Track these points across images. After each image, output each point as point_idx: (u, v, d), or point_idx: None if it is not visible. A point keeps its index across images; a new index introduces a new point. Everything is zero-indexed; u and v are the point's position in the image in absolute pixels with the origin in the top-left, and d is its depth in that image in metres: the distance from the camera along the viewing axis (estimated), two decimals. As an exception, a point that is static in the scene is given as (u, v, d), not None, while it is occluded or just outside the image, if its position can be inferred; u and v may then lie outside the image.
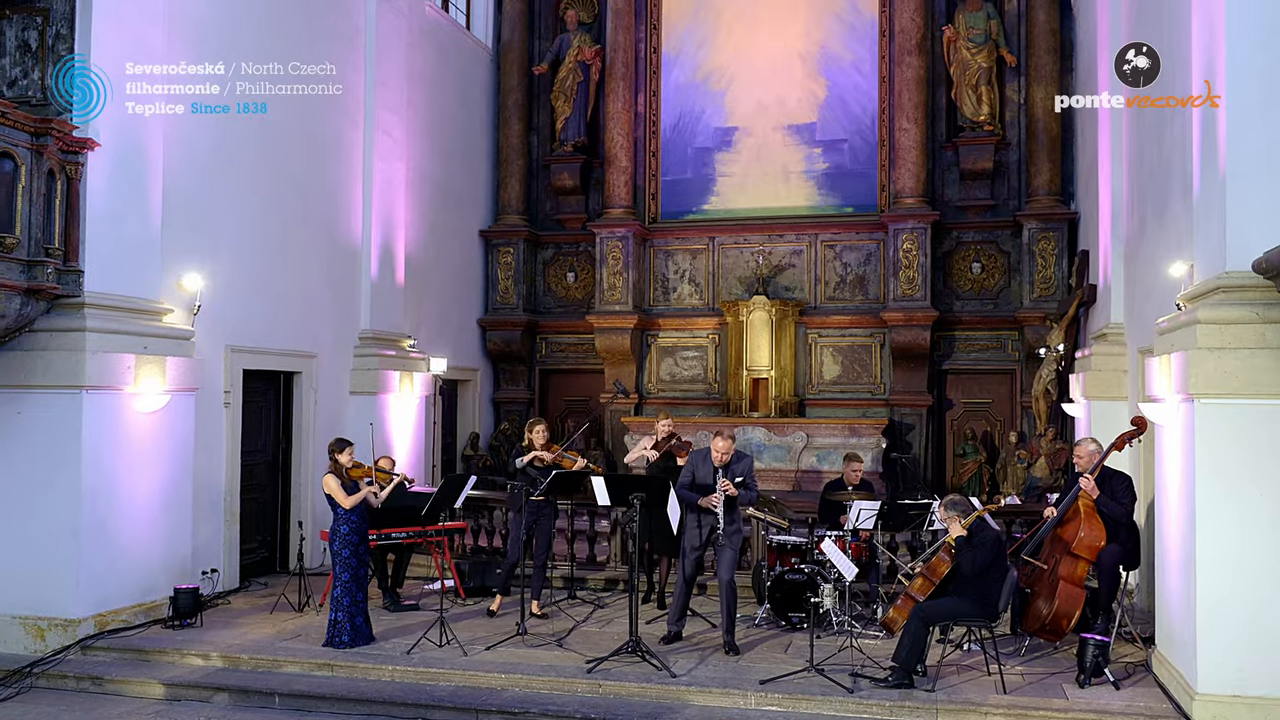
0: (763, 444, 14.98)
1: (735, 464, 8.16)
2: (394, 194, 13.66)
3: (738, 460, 8.20)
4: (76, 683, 7.94)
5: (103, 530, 8.65)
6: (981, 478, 14.96)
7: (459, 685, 7.53)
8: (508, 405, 17.30)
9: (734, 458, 8.17)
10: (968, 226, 15.53)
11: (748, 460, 8.33)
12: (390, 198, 13.57)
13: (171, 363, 9.29)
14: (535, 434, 9.44)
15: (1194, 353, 6.46)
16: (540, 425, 9.56)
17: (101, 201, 8.82)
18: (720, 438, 8.17)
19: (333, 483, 8.34)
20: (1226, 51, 6.68)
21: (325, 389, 12.33)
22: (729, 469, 8.11)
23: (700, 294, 16.50)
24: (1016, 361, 15.29)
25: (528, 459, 9.33)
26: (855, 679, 7.30)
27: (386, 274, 13.45)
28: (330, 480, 8.36)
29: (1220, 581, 6.42)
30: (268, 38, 10.99)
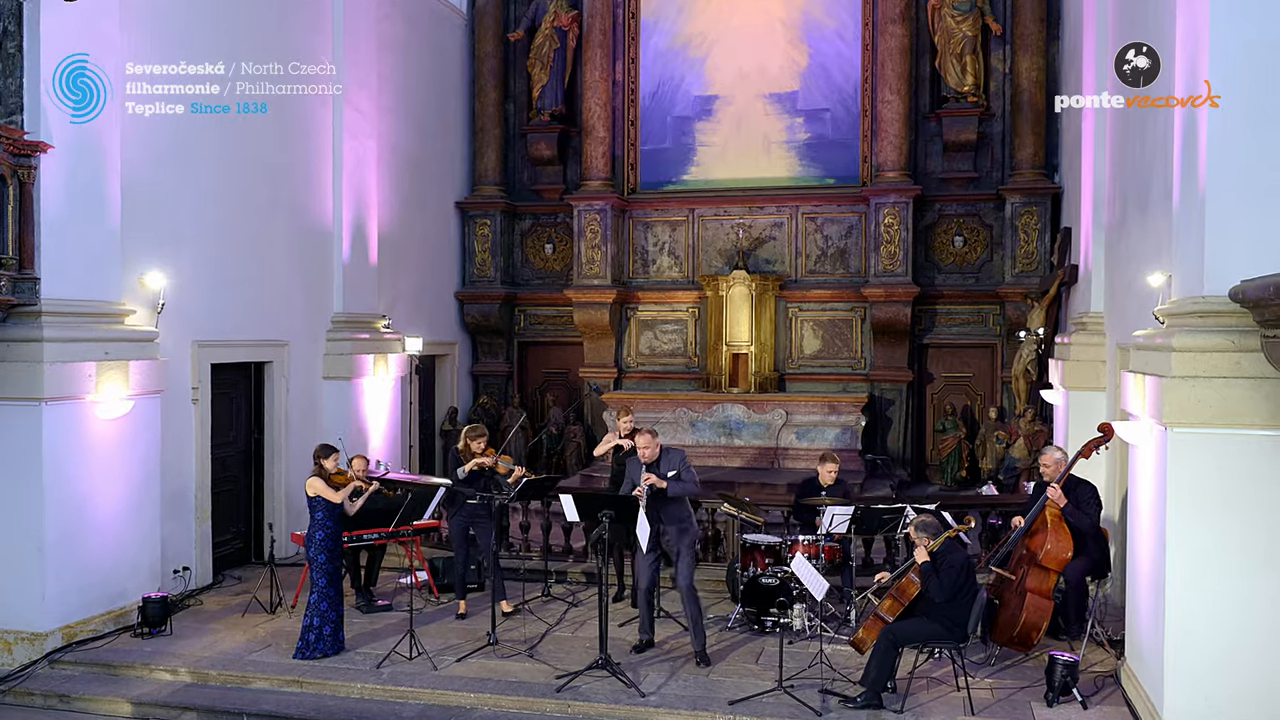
0: (742, 421, 14.92)
1: (664, 459, 8.07)
2: (365, 171, 13.37)
3: (666, 455, 8.10)
4: (44, 700, 7.90)
5: (68, 542, 8.55)
6: (961, 453, 14.96)
7: (428, 704, 7.51)
8: (486, 378, 17.18)
9: (662, 453, 8.08)
10: (950, 199, 15.33)
11: (678, 454, 8.25)
12: (361, 176, 13.28)
13: (134, 367, 9.12)
14: (475, 443, 9.29)
15: (1168, 381, 6.35)
16: (482, 437, 9.37)
17: (57, 205, 8.57)
18: (641, 435, 8.12)
19: (318, 483, 8.29)
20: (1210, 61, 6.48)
21: (298, 376, 12.16)
22: (657, 465, 8.02)
23: (680, 267, 16.31)
24: (997, 336, 15.20)
25: (469, 467, 9.19)
26: (824, 696, 7.29)
27: (359, 254, 13.21)
28: (316, 481, 8.29)
29: (1190, 610, 6.39)
30: (230, 11, 10.68)
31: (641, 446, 8.03)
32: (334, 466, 8.42)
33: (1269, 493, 6.26)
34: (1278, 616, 6.26)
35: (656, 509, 7.98)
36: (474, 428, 9.60)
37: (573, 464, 15.96)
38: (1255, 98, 6.30)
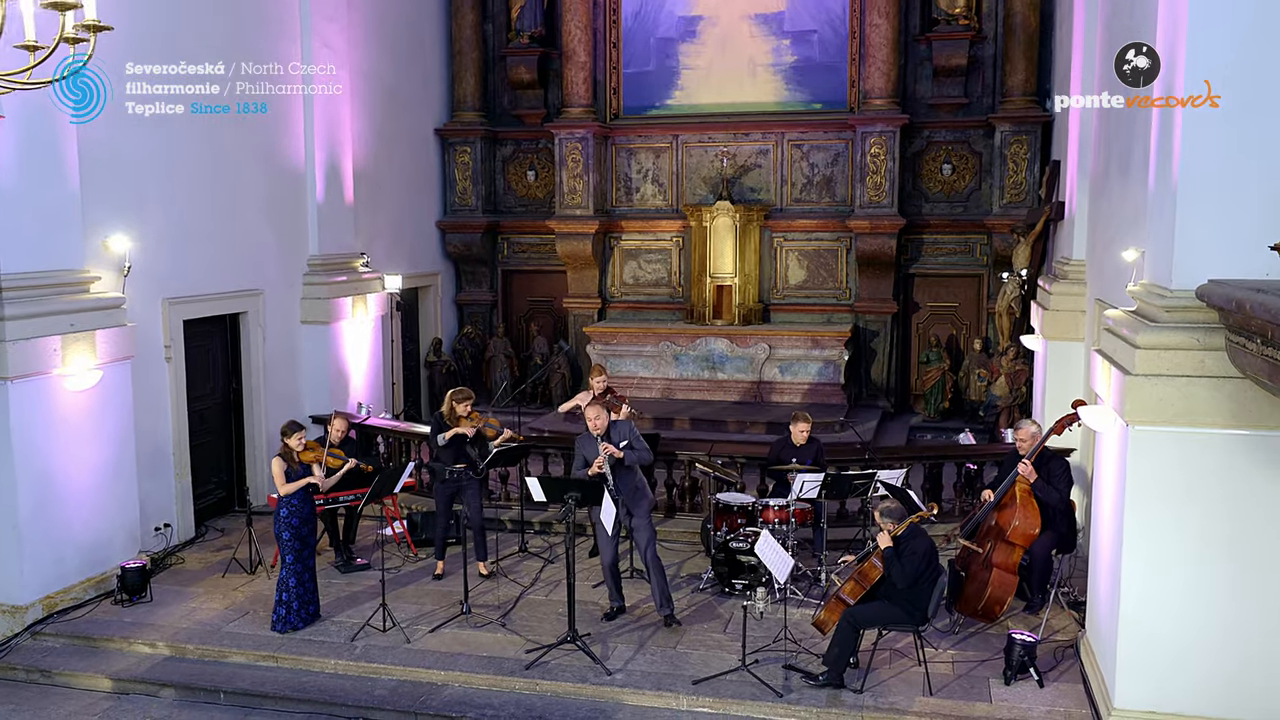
0: (725, 355, 14.89)
1: (614, 429, 8.12)
2: (338, 108, 13.02)
3: (615, 426, 8.16)
4: (26, 674, 8.06)
5: (42, 516, 8.61)
6: (944, 385, 14.95)
7: (400, 681, 7.66)
8: (470, 307, 17.08)
9: (612, 424, 8.13)
10: (939, 125, 14.98)
11: (626, 424, 8.34)
12: (333, 113, 12.94)
13: (102, 336, 9.05)
14: (459, 406, 9.29)
15: (1130, 379, 6.28)
16: (467, 400, 9.37)
17: (11, 176, 8.38)
18: (589, 408, 8.18)
19: (277, 467, 8.28)
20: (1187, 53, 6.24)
21: (275, 323, 12.08)
22: (607, 436, 8.06)
23: (664, 195, 16.04)
24: (984, 267, 15.05)
25: (450, 434, 9.20)
26: (788, 672, 7.44)
27: (334, 194, 12.97)
28: (276, 465, 8.29)
29: (1145, 606, 6.45)
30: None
31: (591, 419, 8.03)
32: (298, 444, 8.38)
33: (1228, 490, 6.26)
34: (1235, 613, 6.32)
35: (613, 481, 8.01)
36: (458, 391, 9.57)
37: (557, 395, 15.97)
38: (1232, 91, 6.07)
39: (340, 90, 12.93)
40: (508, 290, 17.20)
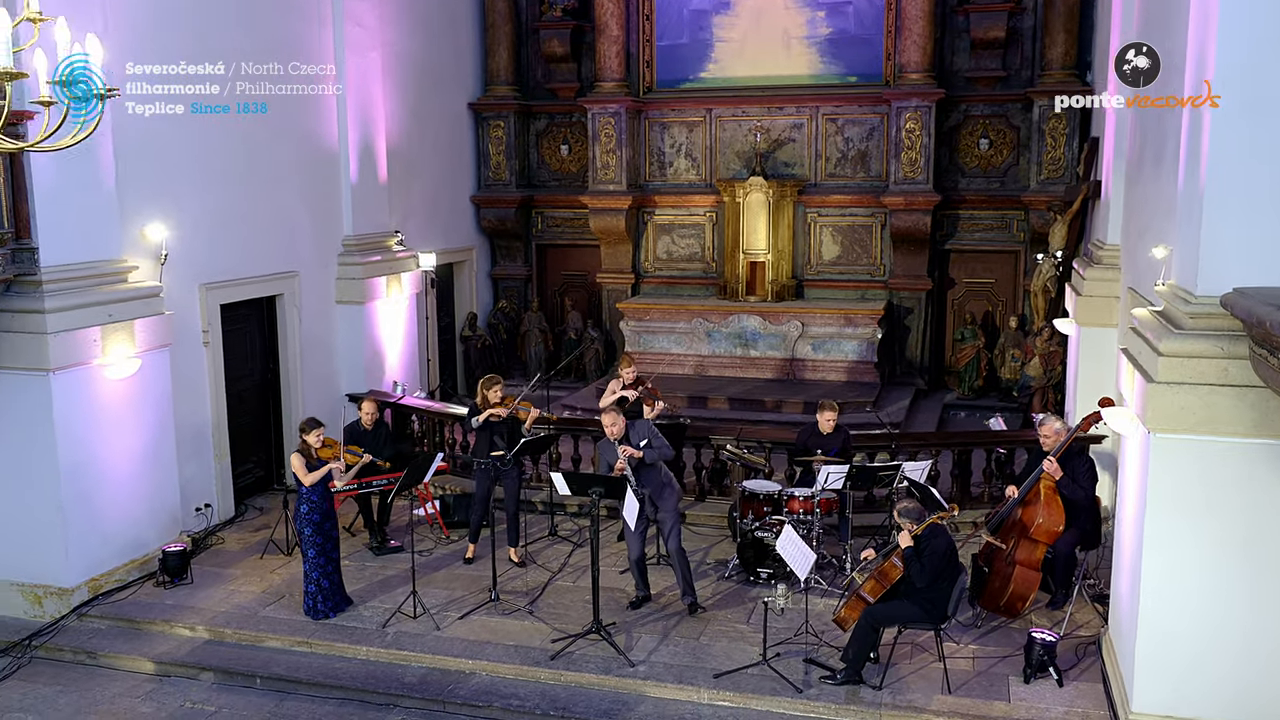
0: (758, 332, 14.89)
1: (632, 430, 8.24)
2: (370, 87, 13.09)
3: (633, 427, 8.28)
4: (73, 655, 8.36)
5: (86, 502, 8.88)
6: (979, 363, 14.86)
7: (429, 668, 7.86)
8: (505, 281, 17.20)
9: (629, 425, 8.25)
10: (977, 99, 14.76)
11: (644, 423, 8.45)
12: (366, 92, 13.01)
13: (140, 325, 9.25)
14: (491, 392, 9.44)
15: (1153, 386, 6.24)
16: (497, 384, 9.53)
17: (49, 172, 8.53)
18: (605, 415, 8.32)
19: (297, 461, 8.42)
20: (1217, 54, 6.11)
21: (310, 303, 12.24)
22: (626, 438, 8.19)
23: (697, 169, 15.97)
24: (1021, 243, 14.89)
25: (484, 416, 9.36)
26: (808, 666, 7.55)
27: (367, 174, 13.07)
28: (295, 459, 8.44)
29: (1162, 610, 6.45)
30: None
31: (607, 425, 8.16)
32: (317, 440, 8.51)
33: (1248, 498, 6.22)
34: (1253, 620, 6.31)
35: (637, 478, 8.11)
36: (489, 378, 9.72)
37: (591, 370, 16.10)
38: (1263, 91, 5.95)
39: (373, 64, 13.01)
40: (542, 264, 17.28)
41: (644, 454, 8.09)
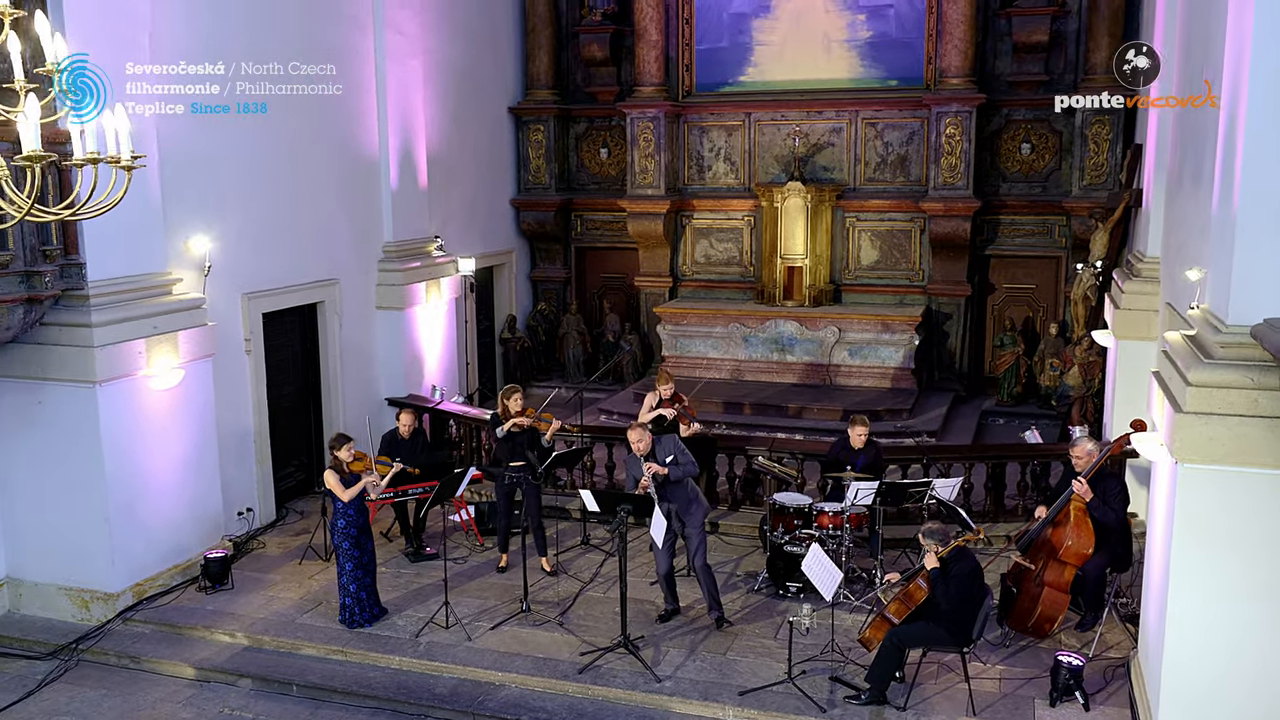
0: (794, 337, 14.89)
1: (658, 446, 8.29)
2: (411, 95, 13.25)
3: (659, 442, 8.33)
4: (117, 659, 8.62)
5: (130, 510, 9.13)
6: (1018, 369, 14.74)
7: (460, 679, 8.01)
8: (544, 284, 17.34)
9: (655, 442, 8.30)
10: (1019, 103, 14.61)
11: (670, 439, 8.47)
12: (407, 100, 13.17)
13: (184, 336, 9.49)
14: (511, 402, 9.58)
15: (1181, 416, 6.19)
16: (516, 393, 9.66)
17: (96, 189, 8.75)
18: (631, 430, 8.39)
19: (331, 478, 8.58)
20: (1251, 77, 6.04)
21: (351, 308, 12.44)
22: (653, 454, 8.25)
23: (736, 173, 15.98)
24: (1062, 249, 14.73)
25: (506, 426, 9.50)
26: (834, 684, 7.59)
27: (407, 180, 13.25)
28: (329, 476, 8.60)
29: (1187, 642, 6.40)
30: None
31: (634, 441, 8.23)
32: (348, 456, 8.66)
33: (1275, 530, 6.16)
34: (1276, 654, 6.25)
35: (663, 494, 8.19)
36: (509, 388, 9.86)
37: (628, 373, 16.19)
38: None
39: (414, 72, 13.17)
40: (581, 267, 17.39)
41: (669, 471, 8.16)
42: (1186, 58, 9.29)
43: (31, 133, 3.39)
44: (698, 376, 14.85)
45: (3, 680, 8.38)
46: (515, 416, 9.61)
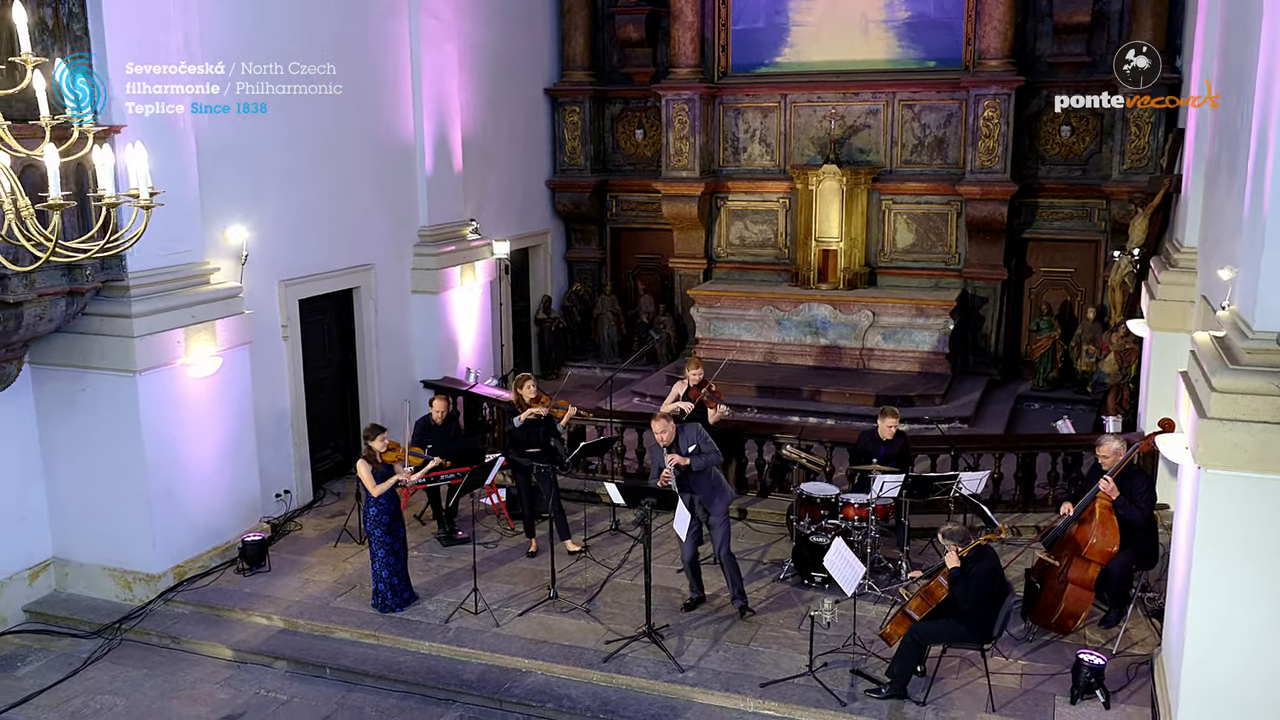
0: (828, 321, 14.86)
1: (681, 436, 8.35)
2: (446, 80, 13.32)
3: (683, 432, 8.39)
4: (158, 639, 8.90)
5: (171, 494, 9.38)
6: (1054, 354, 14.61)
7: (488, 665, 8.18)
8: (580, 264, 17.41)
9: (679, 431, 8.36)
10: (1059, 86, 14.34)
11: (693, 428, 8.51)
12: (442, 85, 13.24)
13: (221, 325, 9.68)
14: (524, 390, 9.71)
15: (1205, 422, 6.15)
16: (529, 381, 9.80)
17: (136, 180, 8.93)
18: (655, 421, 8.43)
19: (364, 470, 8.73)
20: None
21: (386, 292, 12.58)
22: (676, 444, 8.32)
23: (771, 155, 15.90)
24: (1102, 233, 14.55)
25: (523, 416, 9.62)
26: (854, 678, 7.66)
27: (442, 165, 13.35)
28: (362, 467, 8.75)
29: (1206, 646, 6.40)
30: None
31: (657, 432, 8.30)
32: (382, 446, 8.81)
33: (1301, 536, 6.13)
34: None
35: (686, 483, 8.27)
36: (521, 376, 10.04)
37: (662, 354, 16.25)
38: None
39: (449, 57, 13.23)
40: (616, 248, 17.44)
41: (692, 462, 8.23)
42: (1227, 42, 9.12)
43: (54, 179, 3.49)
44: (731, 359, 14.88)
45: (50, 658, 8.70)
46: (530, 403, 9.75)
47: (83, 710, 7.88)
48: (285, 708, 7.92)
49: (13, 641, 8.99)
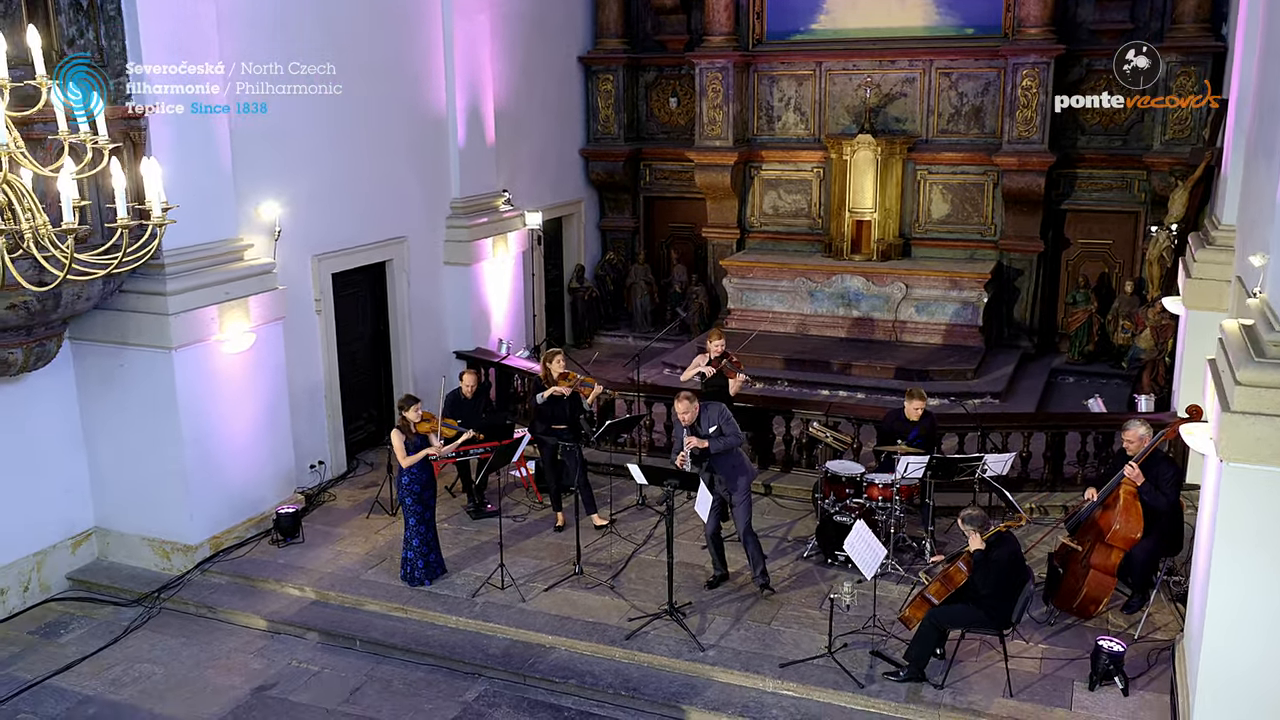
0: (861, 293, 14.78)
1: (703, 416, 8.38)
2: (478, 50, 13.30)
3: (705, 412, 8.41)
4: (195, 609, 9.15)
5: (207, 467, 9.59)
6: (1091, 327, 14.45)
7: (513, 640, 8.34)
8: (613, 233, 17.41)
9: (701, 410, 8.39)
10: (1100, 53, 14.06)
11: (716, 407, 8.52)
12: (474, 56, 13.23)
13: (255, 301, 9.83)
14: (554, 365, 9.81)
15: (1227, 416, 6.09)
16: (558, 356, 9.88)
17: (170, 160, 9.00)
18: (678, 400, 8.43)
19: (397, 440, 8.88)
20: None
21: (419, 264, 12.69)
22: (698, 424, 8.35)
23: (806, 123, 15.76)
24: (1142, 204, 14.30)
25: (547, 394, 9.71)
26: (873, 659, 7.73)
27: (474, 137, 13.38)
28: (395, 437, 8.90)
29: (1223, 635, 6.38)
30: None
31: (681, 412, 8.33)
32: (416, 416, 8.93)
33: (1324, 531, 6.07)
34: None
35: (709, 462, 8.32)
36: (551, 351, 10.13)
37: (695, 324, 16.26)
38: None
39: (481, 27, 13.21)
40: (649, 216, 17.41)
41: (710, 445, 8.27)
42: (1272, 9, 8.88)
43: (67, 205, 3.57)
44: (763, 330, 14.89)
45: (93, 625, 8.98)
46: (557, 379, 9.84)
47: (122, 678, 8.15)
48: (316, 679, 8.14)
49: (57, 608, 9.30)
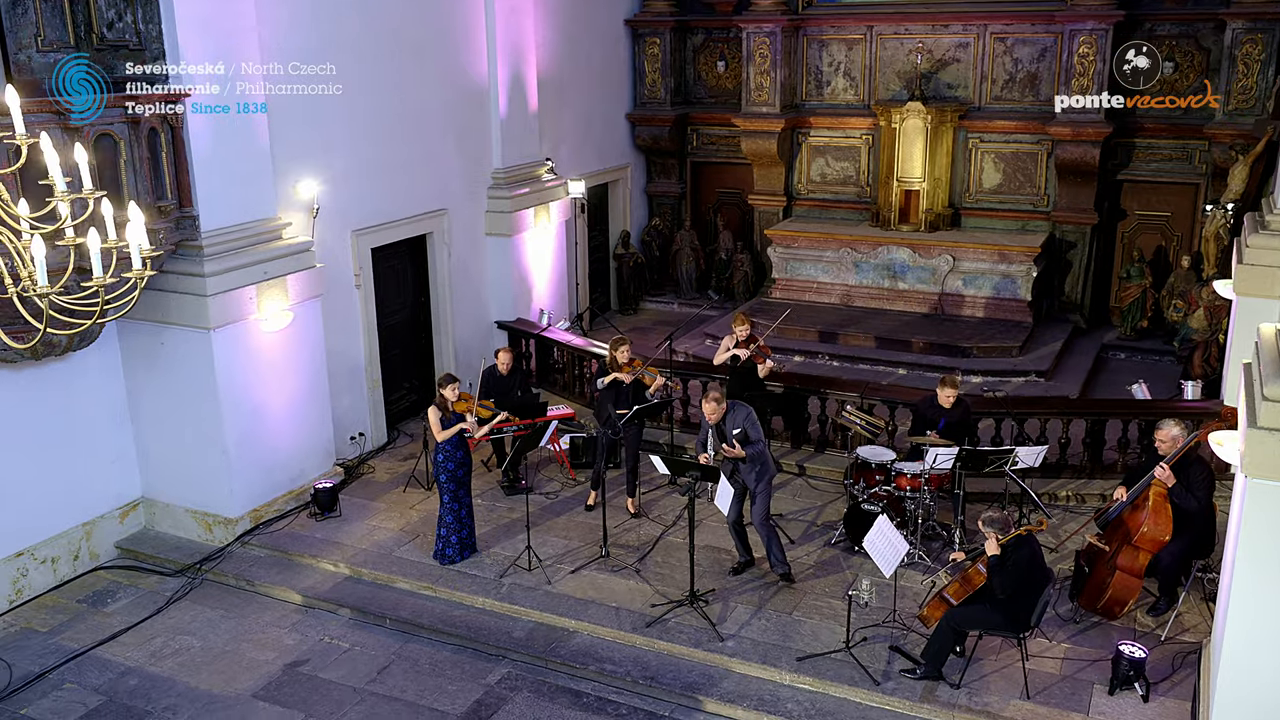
0: (907, 265, 14.56)
1: (729, 416, 8.38)
2: (521, 17, 13.22)
3: (731, 412, 8.39)
4: (235, 581, 9.44)
5: (247, 442, 9.83)
6: (1144, 303, 14.08)
7: (537, 624, 8.49)
8: (659, 198, 17.30)
9: (728, 410, 8.37)
10: (1163, 17, 13.54)
11: (743, 409, 8.49)
12: (517, 23, 13.15)
13: (293, 280, 9.98)
14: (619, 354, 9.82)
15: (1253, 431, 5.93)
16: (625, 345, 9.88)
17: (205, 142, 9.20)
18: (706, 400, 8.39)
19: (433, 415, 9.01)
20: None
21: (460, 237, 12.76)
22: (723, 423, 8.35)
23: (855, 89, 15.44)
24: (1202, 176, 13.81)
25: (609, 379, 9.75)
26: (891, 655, 7.74)
27: (516, 106, 13.33)
28: (432, 413, 9.03)
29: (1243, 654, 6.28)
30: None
31: (708, 413, 8.33)
32: (453, 395, 9.04)
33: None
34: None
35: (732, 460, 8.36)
36: (617, 339, 10.12)
37: (740, 291, 16.16)
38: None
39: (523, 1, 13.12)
40: (696, 182, 17.26)
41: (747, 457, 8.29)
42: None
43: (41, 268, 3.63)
44: (807, 300, 14.77)
45: (138, 595, 9.32)
46: (623, 366, 9.88)
47: (162, 650, 8.46)
48: (346, 656, 8.37)
49: (105, 577, 9.65)
